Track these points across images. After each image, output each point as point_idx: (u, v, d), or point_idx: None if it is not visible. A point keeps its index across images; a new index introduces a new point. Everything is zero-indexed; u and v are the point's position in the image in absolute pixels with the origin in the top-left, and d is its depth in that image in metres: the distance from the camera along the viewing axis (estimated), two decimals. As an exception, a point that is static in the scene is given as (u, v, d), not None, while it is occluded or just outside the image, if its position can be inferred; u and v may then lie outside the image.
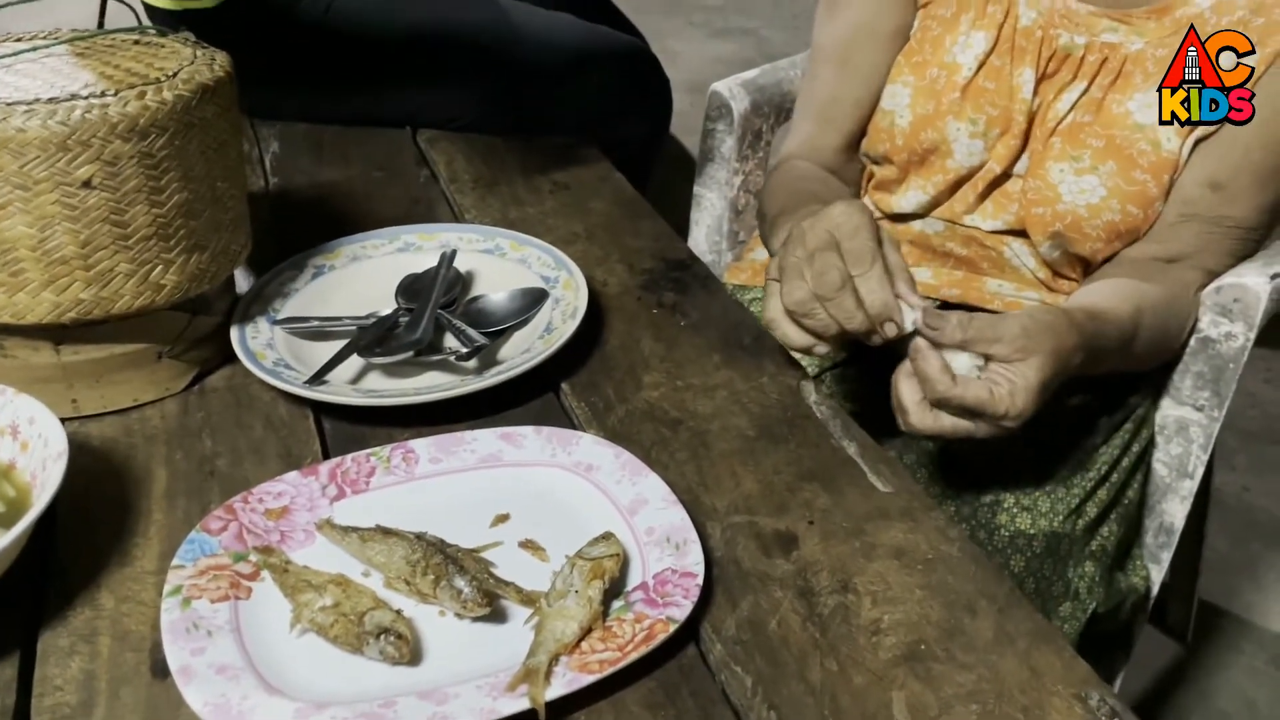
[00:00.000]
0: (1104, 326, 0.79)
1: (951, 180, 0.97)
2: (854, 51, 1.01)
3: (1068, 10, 0.92)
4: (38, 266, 0.69)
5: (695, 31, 3.74)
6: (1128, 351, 0.83)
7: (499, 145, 1.22)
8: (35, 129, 0.66)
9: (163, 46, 0.79)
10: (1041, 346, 0.71)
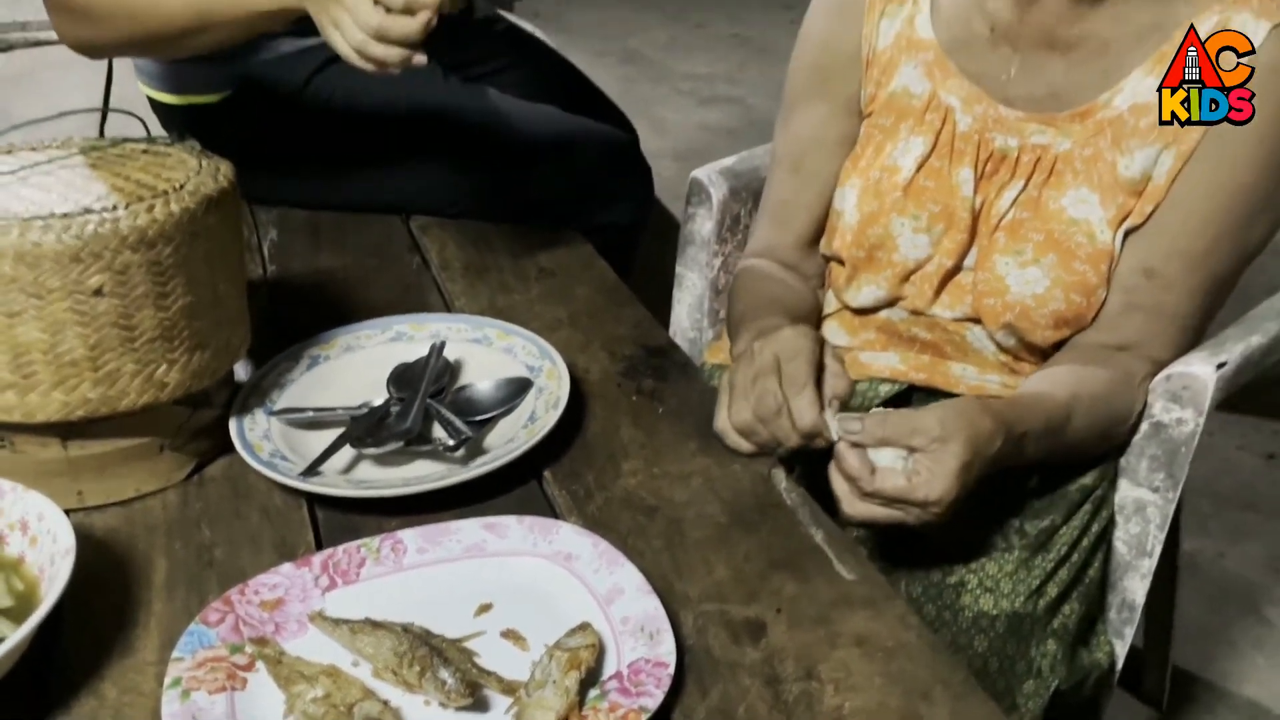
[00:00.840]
0: (1027, 413, 0.84)
1: (900, 274, 1.02)
2: (805, 158, 1.08)
3: (999, 116, 0.98)
4: (49, 369, 0.74)
5: (683, 100, 3.83)
6: (1060, 436, 0.88)
7: (489, 231, 1.27)
8: (50, 243, 0.71)
9: (170, 156, 0.84)
10: (957, 435, 0.78)
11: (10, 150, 0.84)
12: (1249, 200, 0.92)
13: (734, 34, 4.53)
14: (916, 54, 1.02)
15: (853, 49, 1.05)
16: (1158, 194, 0.93)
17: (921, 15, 1.02)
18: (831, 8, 1.07)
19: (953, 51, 1.01)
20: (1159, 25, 0.93)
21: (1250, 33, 0.89)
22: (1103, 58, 0.95)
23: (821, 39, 1.08)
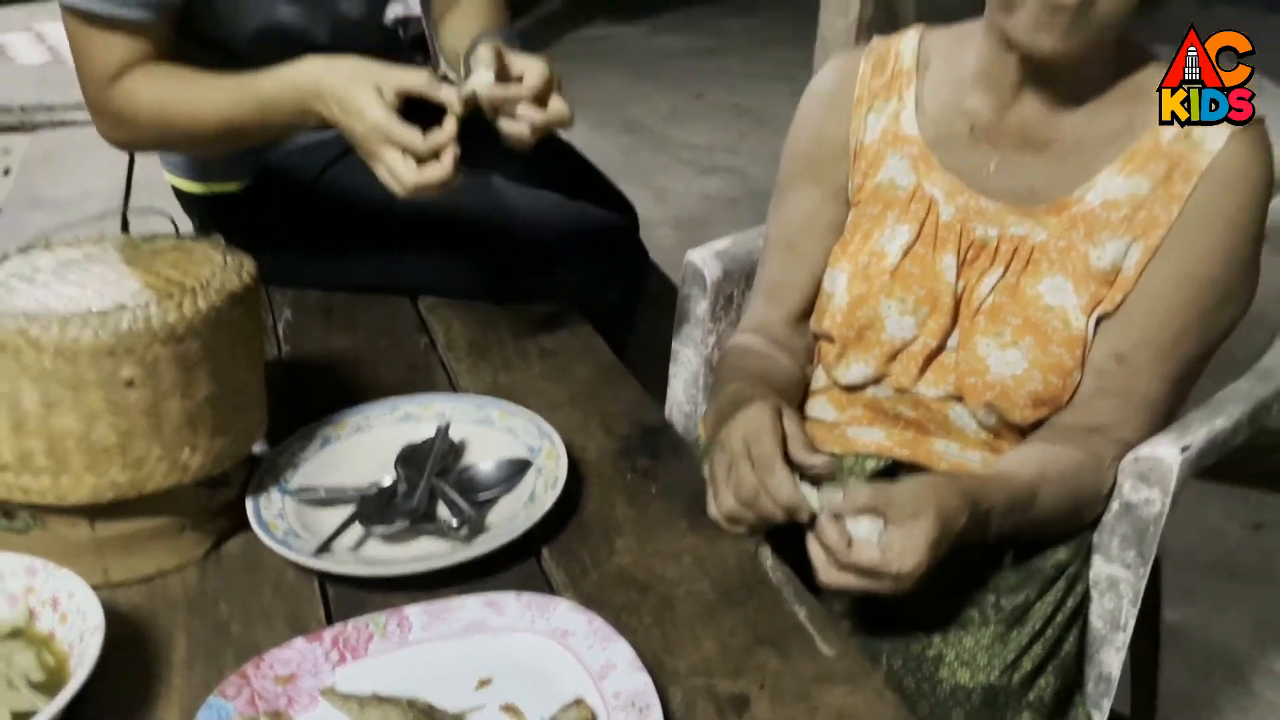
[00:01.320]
0: (993, 491, 0.90)
1: (888, 353, 1.08)
2: (798, 241, 1.15)
3: (980, 208, 1.05)
4: (82, 455, 0.79)
5: (683, 169, 3.92)
6: (1025, 514, 0.94)
7: (492, 312, 1.33)
8: (88, 339, 0.77)
9: (196, 251, 0.91)
10: (928, 510, 0.84)
11: (49, 247, 0.89)
12: (1213, 293, 0.98)
13: (734, 104, 4.64)
14: (902, 148, 1.09)
15: (841, 141, 1.12)
16: (1127, 284, 0.99)
17: (906, 112, 1.09)
18: (822, 101, 1.14)
19: (936, 147, 1.07)
20: (1128, 127, 1.00)
21: (1211, 138, 0.96)
22: (1076, 156, 1.01)
23: (813, 130, 1.14)
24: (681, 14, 6.20)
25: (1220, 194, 0.95)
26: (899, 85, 1.09)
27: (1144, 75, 1.00)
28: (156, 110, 1.13)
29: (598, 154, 4.27)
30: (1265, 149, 0.97)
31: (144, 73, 1.13)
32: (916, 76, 1.09)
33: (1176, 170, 0.97)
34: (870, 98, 1.10)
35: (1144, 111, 0.99)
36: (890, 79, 1.10)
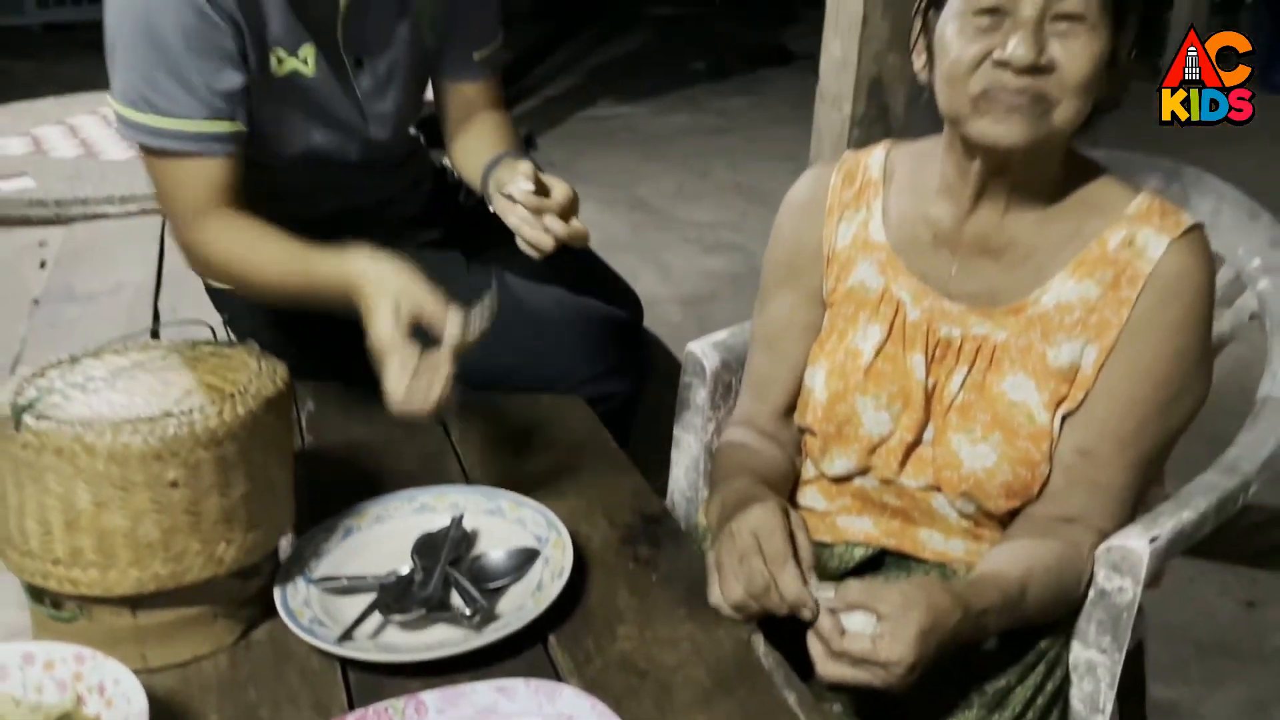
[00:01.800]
0: (986, 592, 0.96)
1: (867, 447, 1.15)
2: (778, 340, 1.23)
3: (944, 309, 1.12)
4: (128, 550, 0.86)
5: (688, 247, 4.02)
6: (1017, 610, 0.99)
7: (501, 404, 1.40)
8: (137, 444, 0.84)
9: (233, 358, 0.99)
10: (918, 604, 0.90)
11: (100, 355, 0.97)
12: (1167, 389, 1.05)
13: (736, 183, 4.76)
14: (871, 253, 1.17)
15: (816, 247, 1.20)
16: (1087, 382, 1.06)
17: (874, 220, 1.17)
18: (796, 212, 1.23)
19: (901, 252, 1.16)
20: (1077, 234, 1.08)
21: (1152, 246, 1.03)
22: (1030, 261, 1.09)
23: (790, 237, 1.23)
24: (685, 94, 6.37)
25: (1164, 299, 1.03)
26: (867, 196, 1.18)
27: (1091, 186, 1.09)
28: (226, 262, 1.24)
29: (606, 231, 4.38)
30: (1204, 254, 1.05)
31: (220, 222, 1.22)
32: (883, 188, 1.18)
33: (1123, 276, 1.05)
34: (841, 207, 1.19)
35: (1092, 220, 1.07)
36: (859, 190, 1.19)
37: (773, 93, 6.35)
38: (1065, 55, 0.97)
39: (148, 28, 1.16)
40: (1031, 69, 0.96)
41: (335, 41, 1.30)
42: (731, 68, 6.91)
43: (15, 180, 2.17)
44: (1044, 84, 0.97)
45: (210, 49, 1.17)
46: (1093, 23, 0.97)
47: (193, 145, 1.19)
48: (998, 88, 0.98)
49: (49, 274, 1.81)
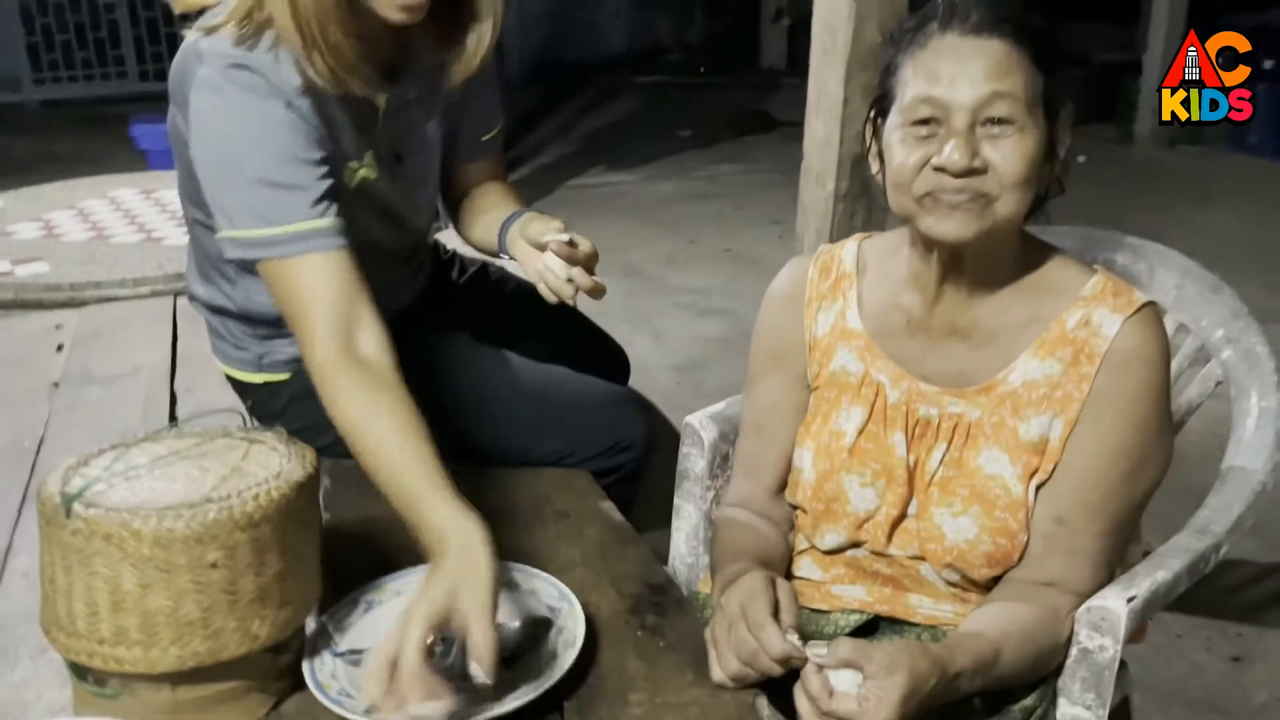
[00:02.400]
0: (961, 654, 1.01)
1: (855, 522, 1.21)
2: (766, 424, 1.30)
3: (920, 390, 1.20)
4: (169, 629, 0.92)
5: (681, 312, 4.11)
6: (991, 672, 1.05)
7: (509, 478, 1.47)
8: (180, 529, 0.90)
9: (264, 443, 1.05)
10: (901, 668, 0.95)
11: (137, 445, 1.04)
12: (1130, 458, 1.12)
13: (726, 249, 4.87)
14: (850, 340, 1.25)
15: (798, 336, 1.28)
16: (1055, 454, 1.13)
17: (851, 310, 1.25)
18: (778, 304, 1.31)
19: (878, 337, 1.23)
20: (1037, 317, 1.16)
21: (1107, 325, 1.11)
22: (997, 342, 1.17)
23: (773, 328, 1.31)
24: (673, 161, 6.52)
25: (1121, 375, 1.11)
26: (843, 287, 1.26)
27: (1048, 268, 1.17)
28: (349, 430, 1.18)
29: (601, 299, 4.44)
30: (1156, 330, 1.13)
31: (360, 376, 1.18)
32: (857, 279, 1.26)
33: (1082, 353, 1.12)
34: (819, 298, 1.27)
35: (1050, 302, 1.15)
36: (835, 282, 1.27)
37: (758, 159, 6.51)
38: (999, 156, 1.05)
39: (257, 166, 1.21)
40: (967, 172, 1.05)
41: (380, 141, 1.39)
42: (718, 135, 7.09)
43: (31, 265, 2.24)
44: (981, 183, 1.06)
45: (310, 156, 1.23)
46: (1021, 124, 1.06)
47: (306, 246, 1.20)
48: (939, 189, 1.06)
49: (67, 357, 1.87)
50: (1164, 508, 1.25)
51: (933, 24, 1.09)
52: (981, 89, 1.05)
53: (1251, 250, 4.59)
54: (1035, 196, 1.11)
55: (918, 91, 1.07)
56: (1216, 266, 1.37)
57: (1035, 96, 1.07)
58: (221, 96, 1.22)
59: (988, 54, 1.06)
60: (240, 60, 1.22)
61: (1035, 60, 1.08)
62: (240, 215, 1.23)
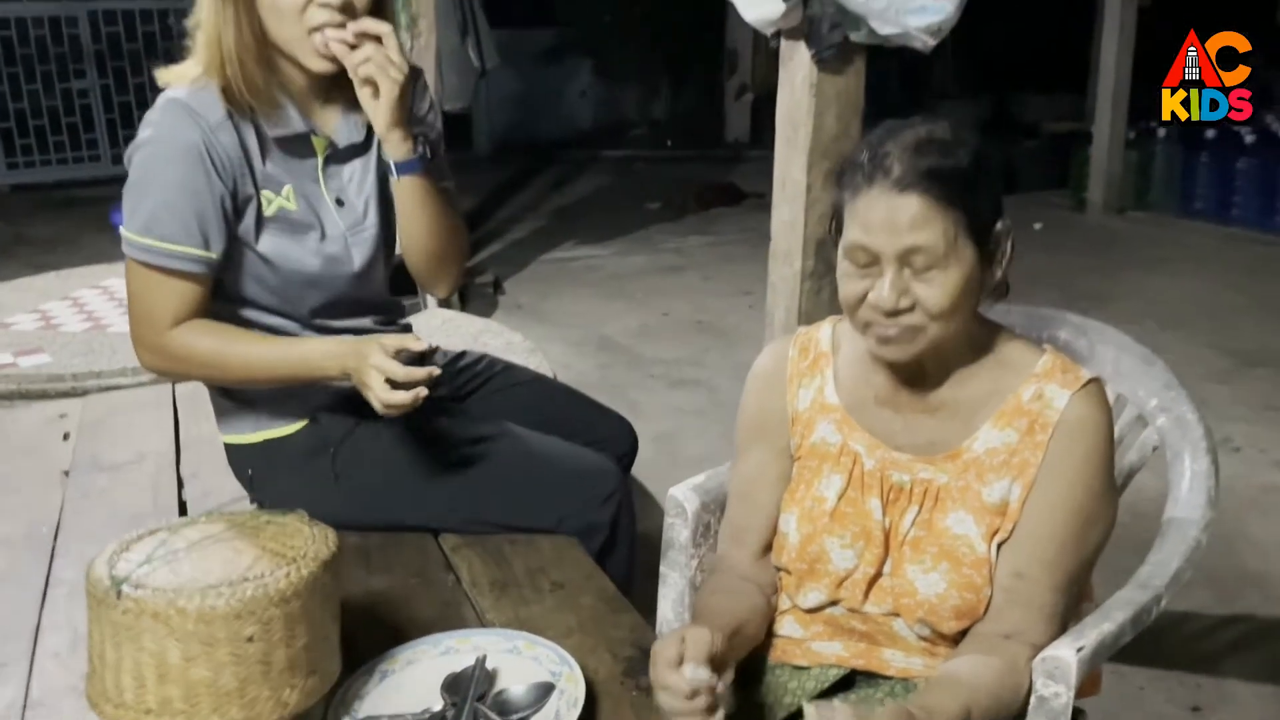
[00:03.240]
0: (933, 710, 1.11)
1: (835, 581, 1.32)
2: (752, 492, 1.41)
3: (894, 459, 1.32)
4: (209, 698, 1.01)
5: (655, 383, 4.23)
6: None
7: (505, 549, 1.56)
8: (221, 606, 1.00)
9: (287, 525, 1.15)
10: None
11: (173, 529, 1.13)
12: (1080, 518, 1.24)
13: (697, 320, 5.00)
14: (828, 414, 1.37)
15: (780, 411, 1.40)
16: (1015, 515, 1.25)
17: (829, 386, 1.38)
18: (762, 381, 1.43)
19: (853, 411, 1.35)
20: (996, 391, 1.28)
21: (1057, 399, 1.24)
22: (960, 415, 1.30)
23: (757, 404, 1.43)
24: (643, 234, 6.69)
25: (1071, 443, 1.23)
26: (820, 365, 1.39)
27: (1003, 347, 1.30)
28: (213, 357, 1.48)
29: (576, 371, 4.59)
30: (1101, 403, 1.26)
31: (199, 325, 1.47)
32: (833, 357, 1.39)
33: (1036, 423, 1.25)
34: (799, 376, 1.39)
35: (1007, 378, 1.28)
36: (813, 360, 1.39)
37: (726, 231, 6.70)
38: (926, 291, 1.19)
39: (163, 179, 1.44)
40: (896, 312, 1.19)
41: (319, 185, 1.56)
42: (685, 207, 7.28)
43: (33, 356, 2.33)
44: (910, 318, 1.20)
45: (206, 200, 1.45)
46: (945, 264, 1.18)
47: (179, 264, 1.45)
48: (875, 322, 1.21)
49: (75, 445, 1.95)
50: (1113, 560, 1.36)
51: (860, 176, 1.19)
52: (904, 240, 1.17)
53: (1200, 312, 4.79)
54: (978, 299, 1.24)
55: (853, 238, 1.20)
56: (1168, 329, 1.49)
57: (957, 234, 1.18)
58: (150, 123, 1.46)
59: (908, 209, 1.16)
60: (173, 95, 1.45)
61: (955, 201, 1.17)
62: (136, 220, 1.45)
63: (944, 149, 1.19)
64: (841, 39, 2.19)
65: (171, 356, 1.49)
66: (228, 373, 1.51)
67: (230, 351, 1.48)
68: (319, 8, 1.41)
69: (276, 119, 1.49)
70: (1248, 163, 6.16)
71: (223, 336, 1.48)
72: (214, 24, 1.43)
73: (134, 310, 1.49)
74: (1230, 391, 3.86)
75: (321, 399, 1.59)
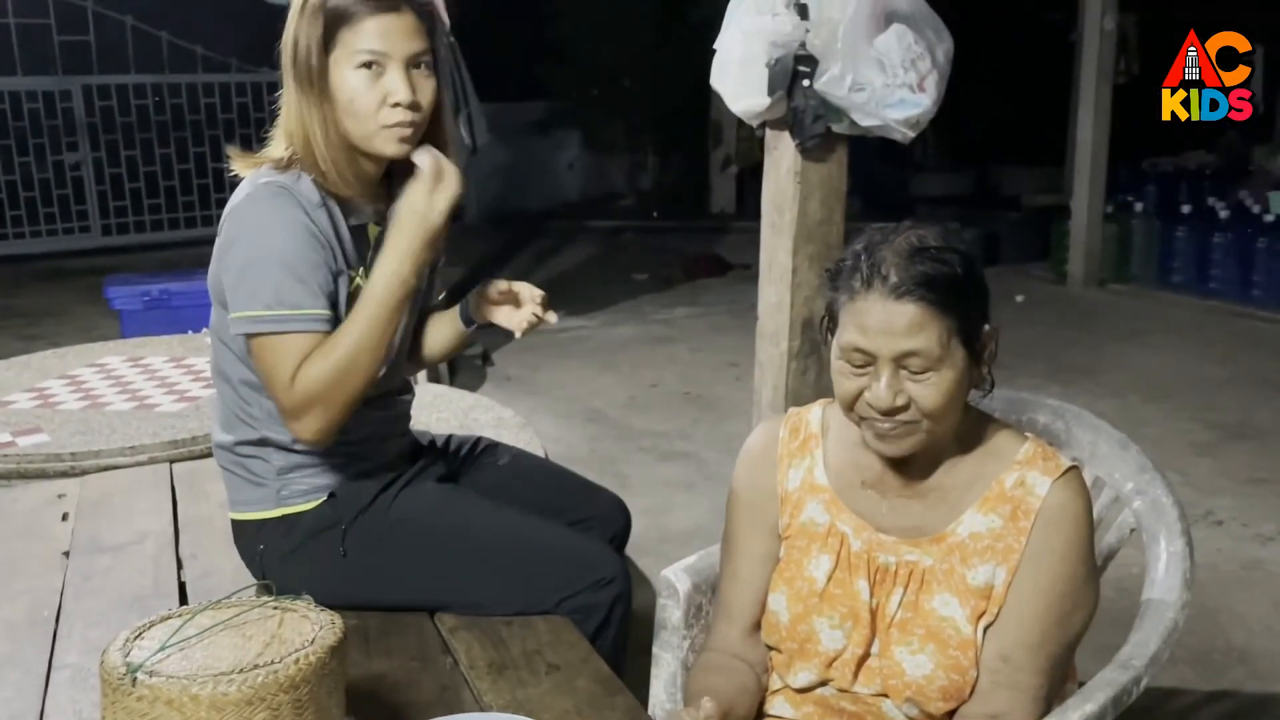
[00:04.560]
0: None
1: (825, 661, 1.36)
2: (742, 570, 1.45)
3: (880, 541, 1.36)
4: (221, 784, 1.03)
5: (644, 456, 4.26)
6: None
7: (501, 630, 1.59)
8: (233, 693, 1.03)
9: (295, 612, 1.18)
10: None
11: (183, 616, 1.16)
12: (1063, 603, 1.29)
13: (685, 392, 5.06)
14: (817, 495, 1.41)
15: (770, 491, 1.45)
16: (1000, 599, 1.30)
17: (818, 468, 1.43)
18: (752, 462, 1.48)
19: (842, 493, 1.40)
20: (980, 477, 1.34)
21: (1039, 486, 1.29)
22: (945, 500, 1.35)
23: (747, 484, 1.48)
24: (630, 305, 6.78)
25: (1052, 529, 1.29)
26: (810, 446, 1.44)
27: (987, 435, 1.36)
28: (333, 374, 1.49)
29: (565, 444, 4.61)
30: (1080, 491, 1.32)
31: (305, 362, 1.50)
32: (822, 439, 1.44)
33: (1019, 509, 1.30)
34: (789, 456, 1.44)
35: (990, 465, 1.34)
36: (803, 442, 1.44)
37: (712, 302, 6.80)
38: (920, 391, 1.25)
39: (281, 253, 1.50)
40: (891, 411, 1.25)
41: (369, 264, 1.63)
42: (672, 278, 7.38)
43: (32, 436, 2.36)
44: (905, 416, 1.26)
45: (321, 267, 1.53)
46: (938, 366, 1.24)
47: (309, 325, 1.51)
48: (871, 419, 1.27)
49: (74, 526, 1.98)
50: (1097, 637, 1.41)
51: (858, 281, 1.25)
52: (900, 344, 1.23)
53: (1183, 385, 4.87)
54: (966, 396, 1.31)
55: (850, 339, 1.27)
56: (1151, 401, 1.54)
57: (950, 338, 1.25)
58: (256, 203, 1.53)
59: (903, 315, 1.22)
60: (271, 180, 1.54)
61: (948, 308, 1.24)
62: (264, 295, 1.49)
63: (937, 256, 1.25)
64: (824, 130, 2.28)
65: (307, 404, 1.49)
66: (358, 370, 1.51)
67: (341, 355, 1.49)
68: (390, 108, 1.54)
69: (353, 207, 1.62)
70: (1224, 237, 6.31)
71: (324, 352, 1.50)
72: (302, 123, 1.55)
73: (273, 382, 1.51)
74: (1213, 464, 3.92)
75: (342, 475, 1.64)
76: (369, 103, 1.53)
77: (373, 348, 1.51)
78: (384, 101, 1.53)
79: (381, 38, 1.52)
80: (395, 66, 1.53)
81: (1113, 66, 6.54)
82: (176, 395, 2.65)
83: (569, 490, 1.91)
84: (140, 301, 4.71)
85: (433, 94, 1.58)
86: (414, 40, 1.54)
